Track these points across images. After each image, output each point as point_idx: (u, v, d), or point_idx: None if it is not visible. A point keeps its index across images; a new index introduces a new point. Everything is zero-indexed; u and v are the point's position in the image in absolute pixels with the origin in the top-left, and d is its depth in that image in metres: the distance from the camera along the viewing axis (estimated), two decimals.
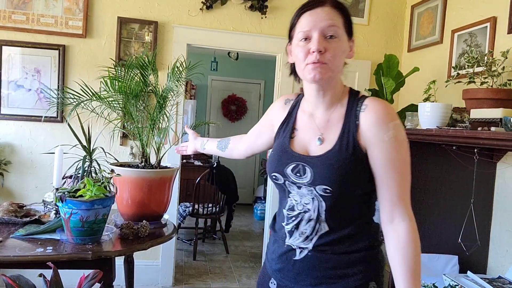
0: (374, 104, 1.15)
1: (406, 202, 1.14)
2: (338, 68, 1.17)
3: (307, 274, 1.20)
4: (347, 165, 1.12)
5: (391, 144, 1.11)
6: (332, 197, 1.14)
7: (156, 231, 2.08)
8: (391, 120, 1.12)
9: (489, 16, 2.66)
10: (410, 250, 1.11)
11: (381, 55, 3.29)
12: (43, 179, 3.24)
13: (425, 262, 2.41)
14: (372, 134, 1.12)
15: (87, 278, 1.38)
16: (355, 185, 1.15)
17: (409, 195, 1.14)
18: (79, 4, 3.21)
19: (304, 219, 1.19)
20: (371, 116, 1.13)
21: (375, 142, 1.12)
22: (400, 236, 1.13)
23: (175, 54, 3.31)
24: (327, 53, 1.12)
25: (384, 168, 1.12)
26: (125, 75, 2.14)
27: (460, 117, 2.39)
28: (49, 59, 3.20)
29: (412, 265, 1.10)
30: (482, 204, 2.47)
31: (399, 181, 1.12)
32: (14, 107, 3.18)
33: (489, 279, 2.21)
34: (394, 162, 1.11)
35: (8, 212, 2.07)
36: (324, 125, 1.21)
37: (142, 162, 2.17)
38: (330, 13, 1.14)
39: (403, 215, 1.14)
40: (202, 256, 4.41)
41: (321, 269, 1.19)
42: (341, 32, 1.15)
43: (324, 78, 1.14)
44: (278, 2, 3.51)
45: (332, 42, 1.13)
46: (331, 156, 1.14)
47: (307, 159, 1.17)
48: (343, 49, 1.17)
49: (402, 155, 1.12)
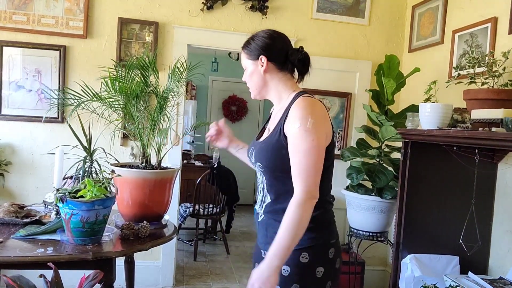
0: (297, 102, 1.44)
1: (300, 181, 1.38)
2: (255, 86, 1.58)
3: (262, 234, 1.57)
4: (272, 147, 1.47)
5: (295, 134, 1.39)
6: (265, 172, 1.51)
7: (157, 232, 2.08)
8: (303, 115, 1.39)
9: (490, 17, 2.66)
10: (284, 220, 1.36)
11: (382, 56, 3.29)
12: (43, 179, 3.24)
13: (426, 263, 2.40)
14: (288, 125, 1.43)
15: (87, 278, 1.38)
16: (280, 163, 1.45)
17: (307, 176, 1.37)
18: (80, 5, 3.21)
19: (259, 189, 1.60)
20: (291, 112, 1.43)
21: (288, 132, 1.43)
22: (288, 206, 1.38)
23: (175, 54, 3.31)
24: (246, 81, 1.61)
25: (290, 151, 1.41)
26: (125, 76, 2.14)
27: (461, 117, 2.38)
28: (50, 60, 3.20)
29: (279, 232, 1.35)
30: (483, 205, 2.46)
31: (297, 163, 1.39)
32: (15, 108, 3.18)
33: (490, 280, 2.20)
34: (295, 148, 1.39)
35: (9, 212, 2.07)
36: (273, 119, 1.58)
37: (143, 163, 2.17)
38: (242, 54, 1.61)
39: (295, 191, 1.39)
40: (202, 257, 4.40)
41: (269, 231, 1.51)
42: (246, 63, 1.59)
43: (253, 97, 1.63)
44: (279, 2, 3.51)
45: (245, 72, 1.61)
46: (265, 141, 1.52)
47: (255, 144, 1.58)
48: (251, 73, 1.57)
49: (303, 144, 1.38)
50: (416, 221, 2.47)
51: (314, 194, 1.38)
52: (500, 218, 2.48)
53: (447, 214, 2.50)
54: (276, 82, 1.55)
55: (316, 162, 1.39)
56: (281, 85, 1.55)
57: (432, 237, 2.49)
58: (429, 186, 2.49)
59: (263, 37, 1.55)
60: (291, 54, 1.54)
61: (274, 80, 1.55)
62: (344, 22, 3.62)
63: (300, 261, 1.44)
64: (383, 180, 2.88)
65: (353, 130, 3.60)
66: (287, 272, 1.45)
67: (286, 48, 1.56)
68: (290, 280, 1.44)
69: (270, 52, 1.53)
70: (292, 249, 1.36)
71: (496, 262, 2.49)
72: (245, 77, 1.61)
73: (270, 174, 1.50)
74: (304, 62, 1.56)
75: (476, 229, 2.32)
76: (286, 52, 1.54)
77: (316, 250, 1.46)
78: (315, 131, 1.38)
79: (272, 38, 1.55)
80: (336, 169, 3.79)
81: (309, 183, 1.37)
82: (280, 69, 1.55)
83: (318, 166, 1.40)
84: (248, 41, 1.58)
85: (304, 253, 1.44)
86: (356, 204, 3.00)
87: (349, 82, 3.63)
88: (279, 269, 1.36)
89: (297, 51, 1.55)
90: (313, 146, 1.38)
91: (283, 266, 1.43)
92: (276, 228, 1.42)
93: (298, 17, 3.55)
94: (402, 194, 2.47)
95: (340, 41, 3.64)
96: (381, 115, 2.99)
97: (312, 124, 1.38)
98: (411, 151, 2.45)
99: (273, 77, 1.55)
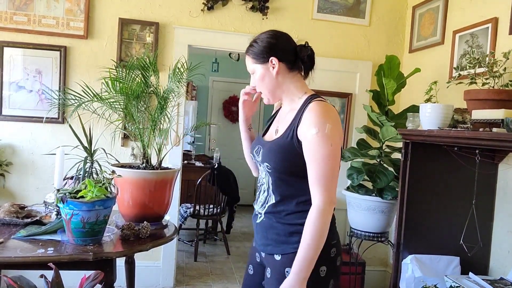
0: (313, 107, 1.42)
1: (320, 188, 1.38)
2: (268, 90, 1.53)
3: (261, 236, 1.55)
4: (283, 149, 1.45)
5: (314, 140, 1.38)
6: (272, 173, 1.48)
7: (157, 232, 2.08)
8: (320, 121, 1.38)
9: (490, 17, 2.66)
10: (306, 229, 1.36)
11: (382, 56, 3.29)
12: (44, 180, 3.24)
13: (427, 263, 2.40)
14: (304, 129, 1.41)
15: (88, 279, 1.38)
16: (289, 166, 1.45)
17: (327, 183, 1.37)
18: (80, 5, 3.21)
19: (262, 189, 1.56)
20: (306, 116, 1.41)
21: (304, 136, 1.40)
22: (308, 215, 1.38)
23: (176, 55, 3.31)
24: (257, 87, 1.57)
25: (307, 157, 1.40)
26: (126, 76, 2.14)
27: (461, 118, 2.38)
28: (51, 60, 3.21)
29: (303, 243, 1.36)
30: (483, 205, 2.46)
31: (316, 170, 1.38)
32: (16, 108, 3.19)
33: (490, 281, 2.20)
34: (314, 154, 1.38)
35: (10, 213, 2.07)
36: (282, 121, 1.55)
37: (143, 163, 2.17)
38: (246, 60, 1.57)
39: (314, 198, 1.39)
40: (203, 257, 4.40)
41: (269, 233, 1.51)
42: (254, 67, 1.54)
43: (266, 103, 1.59)
44: (279, 3, 3.51)
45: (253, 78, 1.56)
46: (275, 142, 1.50)
47: (263, 143, 1.56)
48: (262, 77, 1.52)
49: (322, 150, 1.37)
50: (417, 221, 2.47)
51: (334, 200, 1.39)
52: (501, 218, 2.48)
53: (448, 215, 2.50)
54: (288, 83, 1.52)
55: (335, 167, 1.39)
56: (293, 86, 1.53)
57: (432, 237, 2.49)
58: (429, 186, 2.49)
59: (267, 38, 1.52)
60: (300, 50, 1.52)
61: (286, 81, 1.52)
62: (344, 23, 3.62)
63: None
64: (383, 180, 2.88)
65: (353, 131, 3.60)
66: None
67: (293, 45, 1.53)
68: None
69: (279, 52, 1.50)
70: (316, 259, 1.36)
71: (497, 262, 2.49)
72: (254, 83, 1.56)
73: (277, 175, 1.48)
74: (312, 57, 1.54)
75: (477, 230, 2.32)
76: (294, 50, 1.52)
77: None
78: (333, 136, 1.38)
79: (276, 37, 1.52)
80: None
81: (329, 190, 1.37)
82: (290, 69, 1.52)
83: (337, 172, 1.41)
84: (251, 45, 1.54)
85: None
86: (356, 205, 3.00)
87: (350, 83, 3.63)
88: (306, 281, 1.36)
89: (304, 47, 1.53)
90: (332, 151, 1.37)
91: (286, 268, 1.44)
92: (277, 229, 1.47)
93: (298, 17, 3.56)
94: (403, 194, 2.47)
95: (341, 41, 3.63)
96: (381, 116, 2.99)
97: (330, 129, 1.38)
98: (411, 151, 2.45)
99: (285, 78, 1.52)
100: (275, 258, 1.49)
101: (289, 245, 1.45)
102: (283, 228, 1.47)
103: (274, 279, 1.48)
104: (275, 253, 1.49)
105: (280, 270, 1.47)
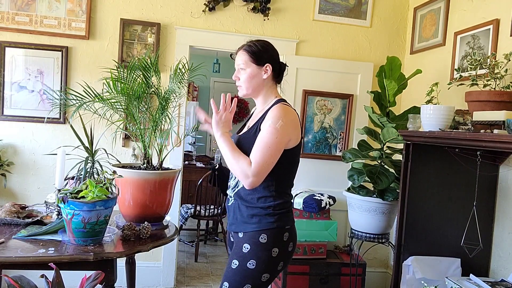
0: (275, 107, 1.72)
1: (255, 163, 1.64)
2: (252, 87, 1.80)
3: (231, 217, 1.81)
4: (247, 141, 1.73)
5: (265, 129, 1.67)
6: None
7: (158, 233, 2.08)
8: (276, 117, 1.67)
9: (492, 19, 2.66)
10: (235, 154, 1.70)
11: (384, 57, 3.29)
12: (45, 180, 3.25)
13: (428, 265, 2.40)
14: (263, 123, 1.70)
15: (88, 279, 1.38)
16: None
17: (261, 162, 1.63)
18: (82, 6, 3.22)
19: (234, 176, 1.81)
20: (269, 113, 1.71)
21: (261, 127, 1.70)
22: (243, 160, 1.68)
23: (177, 55, 3.31)
24: (240, 80, 1.83)
25: (256, 141, 1.68)
26: (127, 77, 2.15)
27: (462, 119, 2.38)
28: (52, 61, 3.21)
29: (231, 150, 1.72)
30: (484, 207, 2.46)
31: (257, 150, 1.65)
32: (17, 108, 3.19)
33: (491, 282, 2.20)
34: (261, 139, 1.66)
35: (11, 213, 2.08)
36: (253, 118, 1.87)
37: (144, 164, 2.18)
38: (240, 54, 1.83)
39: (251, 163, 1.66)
40: (203, 258, 4.40)
41: (236, 214, 1.77)
42: (247, 65, 1.79)
43: (242, 95, 1.86)
44: (281, 4, 3.51)
45: (242, 72, 1.81)
46: (243, 135, 1.82)
47: (235, 137, 1.84)
48: (252, 75, 1.79)
49: (267, 138, 1.65)
50: (418, 223, 2.47)
51: (258, 178, 1.64)
52: (502, 220, 2.48)
53: (449, 216, 2.50)
54: (267, 88, 1.82)
55: (271, 156, 1.65)
56: (270, 91, 1.83)
57: (433, 239, 2.49)
58: (430, 188, 2.49)
59: (268, 46, 1.81)
60: (283, 66, 1.84)
61: (267, 86, 1.82)
62: (345, 24, 3.62)
63: (259, 240, 1.67)
64: (384, 181, 2.87)
65: (354, 132, 3.60)
66: (247, 249, 1.68)
67: (279, 60, 1.84)
68: (249, 256, 1.67)
69: (274, 62, 1.80)
70: (222, 147, 1.75)
71: (497, 264, 2.49)
72: (242, 76, 1.81)
73: None
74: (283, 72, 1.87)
75: (478, 231, 2.31)
76: (279, 64, 1.82)
77: (273, 232, 1.68)
78: (282, 132, 1.66)
79: (274, 50, 1.83)
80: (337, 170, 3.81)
81: (260, 166, 1.63)
82: (274, 78, 1.82)
83: (271, 161, 1.65)
84: (253, 46, 1.79)
85: (263, 234, 1.68)
86: (357, 206, 3.00)
87: (351, 84, 3.63)
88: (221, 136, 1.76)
89: (284, 64, 1.85)
90: (275, 143, 1.64)
91: (244, 244, 1.69)
92: (244, 212, 1.73)
93: (299, 18, 3.56)
94: (404, 195, 2.47)
95: (342, 42, 3.64)
96: (382, 117, 2.99)
97: (281, 126, 1.66)
98: (412, 152, 2.45)
99: (268, 83, 1.81)
100: (238, 235, 1.74)
101: (250, 225, 1.70)
102: (246, 210, 1.72)
103: (233, 253, 1.73)
104: (239, 231, 1.74)
105: (240, 245, 1.71)
